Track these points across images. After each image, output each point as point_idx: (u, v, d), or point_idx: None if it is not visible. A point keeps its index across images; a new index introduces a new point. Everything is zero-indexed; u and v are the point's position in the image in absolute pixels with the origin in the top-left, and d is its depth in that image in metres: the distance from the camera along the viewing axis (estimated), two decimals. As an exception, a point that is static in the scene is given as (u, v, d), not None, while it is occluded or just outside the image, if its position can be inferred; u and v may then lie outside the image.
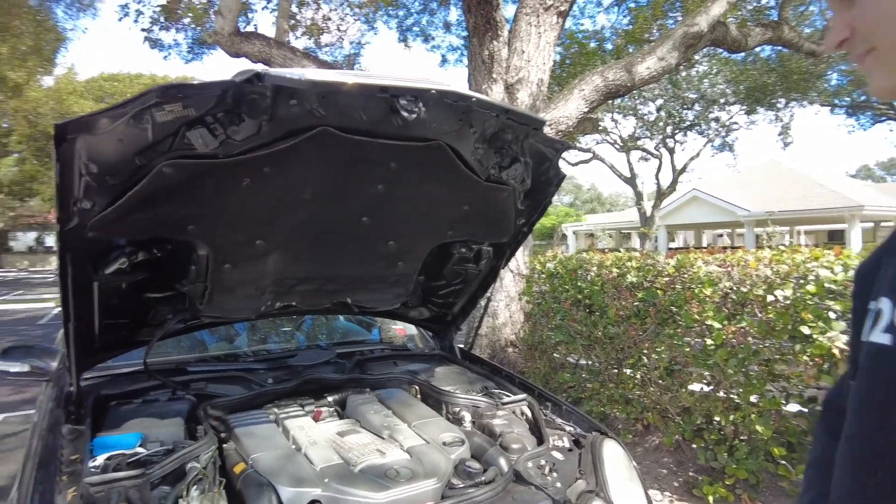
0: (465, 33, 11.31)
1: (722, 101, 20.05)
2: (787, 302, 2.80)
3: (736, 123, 22.17)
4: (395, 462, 1.71)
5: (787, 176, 23.54)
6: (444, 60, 12.22)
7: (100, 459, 1.64)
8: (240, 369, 2.46)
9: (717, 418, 3.13)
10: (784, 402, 2.89)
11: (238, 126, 1.45)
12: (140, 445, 1.75)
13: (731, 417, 3.01)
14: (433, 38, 11.76)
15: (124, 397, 2.10)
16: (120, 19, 8.37)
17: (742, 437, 3.13)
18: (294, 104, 1.44)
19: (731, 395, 3.06)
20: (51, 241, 43.29)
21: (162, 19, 8.28)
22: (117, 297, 1.85)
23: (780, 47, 10.68)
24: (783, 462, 2.90)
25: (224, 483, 1.61)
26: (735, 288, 3.10)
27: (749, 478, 2.98)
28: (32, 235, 43.50)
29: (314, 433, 1.89)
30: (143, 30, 8.29)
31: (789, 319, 2.76)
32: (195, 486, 1.56)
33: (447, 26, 11.58)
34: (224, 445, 1.86)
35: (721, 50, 8.12)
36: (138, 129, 1.37)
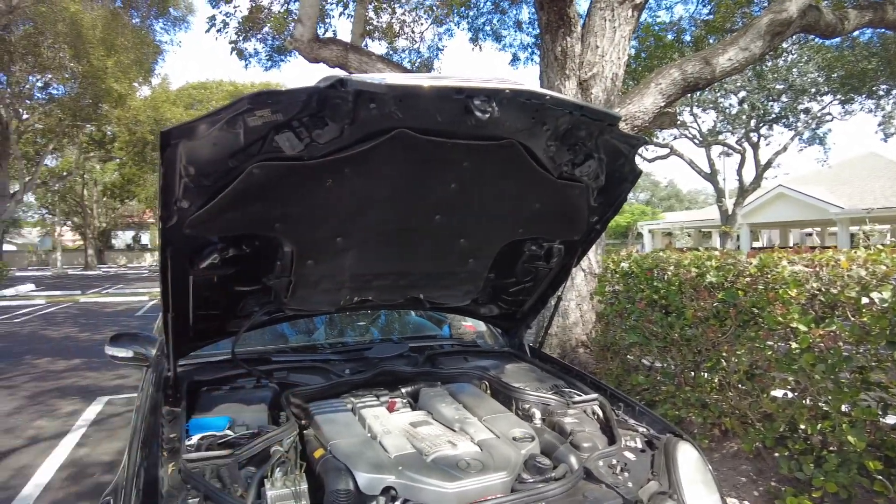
0: (536, 31, 11.21)
1: (813, 90, 18.72)
2: (885, 305, 2.60)
3: (829, 115, 20.63)
4: (466, 454, 1.75)
5: (890, 169, 21.70)
6: (514, 59, 12.14)
7: (194, 439, 1.79)
8: (319, 360, 2.59)
9: (802, 426, 2.96)
10: (881, 413, 2.70)
11: (322, 130, 1.54)
12: (228, 428, 1.89)
13: (819, 426, 2.84)
14: (504, 38, 11.71)
15: (214, 383, 2.27)
16: (207, 30, 8.91)
17: (831, 448, 2.94)
18: (373, 107, 1.51)
19: (819, 403, 2.88)
20: (146, 239, 46.77)
21: (244, 29, 8.76)
22: (210, 290, 1.99)
23: (882, 29, 9.83)
24: (879, 477, 2.70)
25: (304, 466, 1.71)
26: (824, 289, 2.92)
27: (839, 492, 2.80)
28: (130, 234, 47.16)
29: (388, 423, 1.97)
30: (230, 42, 8.80)
31: (887, 324, 2.57)
32: (279, 469, 1.66)
33: (518, 25, 11.50)
34: (304, 431, 1.97)
35: (813, 36, 7.58)
36: (232, 133, 1.48)
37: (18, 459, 4.12)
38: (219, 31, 8.67)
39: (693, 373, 3.83)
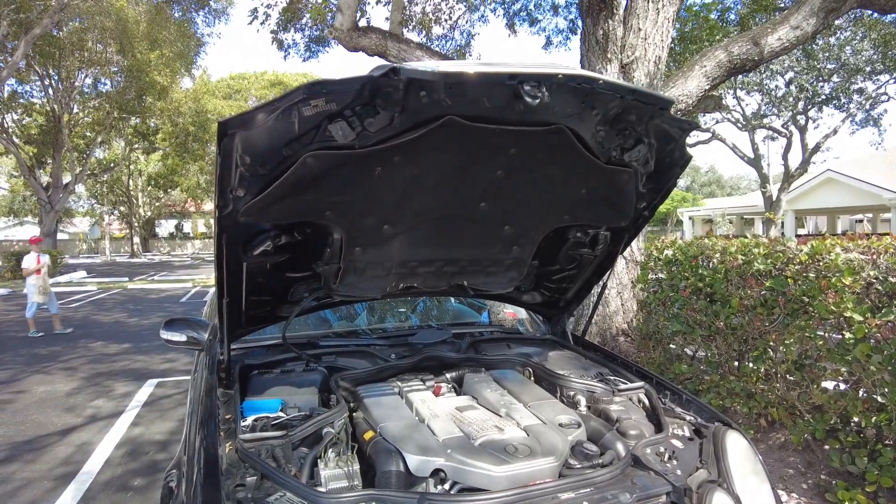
0: (572, 15, 11.00)
1: (867, 69, 17.84)
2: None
3: (885, 95, 19.66)
4: (514, 439, 1.76)
5: (949, 152, 20.59)
6: (548, 43, 11.96)
7: (249, 420, 1.86)
8: (365, 345, 2.64)
9: (855, 419, 2.88)
10: (941, 405, 2.60)
11: (373, 118, 1.55)
12: (280, 410, 1.95)
13: (874, 419, 2.76)
14: (539, 21, 11.52)
15: (265, 367, 2.34)
16: (249, 23, 9.03)
17: (887, 442, 2.85)
18: (423, 95, 1.52)
19: (874, 396, 2.79)
20: (188, 227, 48.13)
21: (284, 20, 8.86)
22: (262, 276, 2.05)
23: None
24: (938, 471, 2.61)
25: (356, 448, 1.75)
26: (882, 277, 2.81)
27: None
28: (173, 223, 48.61)
29: (435, 407, 2.00)
30: (271, 32, 8.92)
31: (950, 314, 2.46)
32: (331, 449, 1.71)
33: (555, 9, 11.31)
34: (353, 414, 2.02)
35: (870, 11, 7.22)
36: (287, 122, 1.51)
37: (80, 436, 4.34)
38: (262, 23, 8.80)
39: (738, 362, 3.75)
